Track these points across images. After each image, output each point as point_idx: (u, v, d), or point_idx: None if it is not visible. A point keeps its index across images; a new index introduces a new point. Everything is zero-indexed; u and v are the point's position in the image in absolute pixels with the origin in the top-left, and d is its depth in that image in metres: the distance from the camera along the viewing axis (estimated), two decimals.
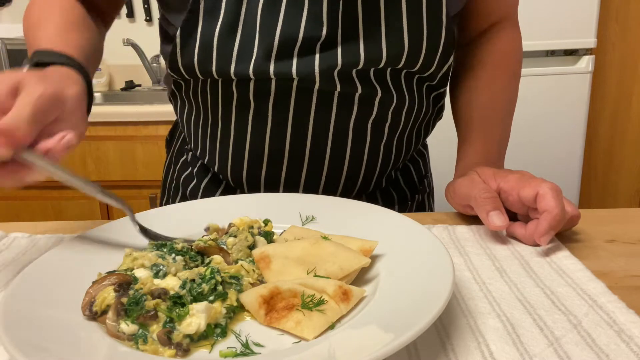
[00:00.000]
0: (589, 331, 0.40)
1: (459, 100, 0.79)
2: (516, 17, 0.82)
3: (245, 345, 0.39)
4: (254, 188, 0.74)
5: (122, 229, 0.56)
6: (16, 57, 2.11)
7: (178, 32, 0.66)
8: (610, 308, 0.43)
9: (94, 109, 0.63)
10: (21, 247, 0.60)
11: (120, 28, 2.42)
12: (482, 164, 0.68)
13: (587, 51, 1.92)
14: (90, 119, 0.61)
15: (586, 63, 1.90)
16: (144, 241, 0.52)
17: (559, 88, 1.91)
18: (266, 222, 0.55)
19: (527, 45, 1.83)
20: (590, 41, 1.88)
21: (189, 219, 0.59)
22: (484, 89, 0.76)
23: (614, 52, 2.24)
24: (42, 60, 0.58)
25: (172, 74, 0.71)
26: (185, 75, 0.70)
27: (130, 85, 2.44)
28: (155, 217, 0.59)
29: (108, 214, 2.04)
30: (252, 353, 0.38)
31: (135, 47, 2.33)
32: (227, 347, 0.39)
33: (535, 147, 1.95)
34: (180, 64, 0.68)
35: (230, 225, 0.55)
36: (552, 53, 1.92)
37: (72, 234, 0.63)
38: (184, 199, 0.82)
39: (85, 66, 0.61)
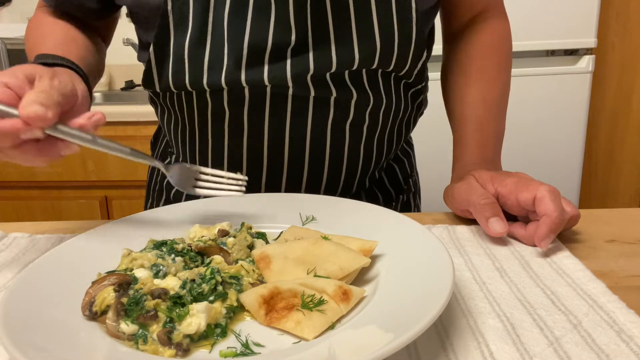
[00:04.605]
0: (589, 331, 0.40)
1: (450, 98, 0.78)
2: (501, 6, 0.80)
3: (245, 345, 0.39)
4: None
5: (122, 229, 0.56)
6: (16, 57, 2.11)
7: (151, 49, 0.66)
8: (611, 308, 0.43)
9: (92, 108, 0.64)
10: (21, 247, 0.60)
11: (120, 28, 2.38)
12: (479, 165, 0.67)
13: (587, 51, 1.92)
14: None
15: (586, 63, 1.90)
16: (143, 242, 0.52)
17: (559, 88, 1.91)
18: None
19: (527, 45, 1.85)
20: (591, 41, 1.88)
21: (187, 219, 0.59)
22: (474, 85, 0.75)
23: (614, 52, 2.24)
24: (46, 62, 0.58)
25: (146, 89, 0.71)
26: (159, 91, 0.70)
27: (130, 85, 2.43)
28: (154, 217, 0.59)
29: (108, 214, 2.04)
30: (252, 353, 0.38)
31: (135, 47, 2.33)
32: (227, 347, 0.39)
33: (535, 147, 1.95)
34: (155, 81, 0.68)
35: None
36: (552, 53, 1.92)
37: (72, 234, 0.63)
38: (168, 202, 0.81)
39: (86, 73, 0.61)
